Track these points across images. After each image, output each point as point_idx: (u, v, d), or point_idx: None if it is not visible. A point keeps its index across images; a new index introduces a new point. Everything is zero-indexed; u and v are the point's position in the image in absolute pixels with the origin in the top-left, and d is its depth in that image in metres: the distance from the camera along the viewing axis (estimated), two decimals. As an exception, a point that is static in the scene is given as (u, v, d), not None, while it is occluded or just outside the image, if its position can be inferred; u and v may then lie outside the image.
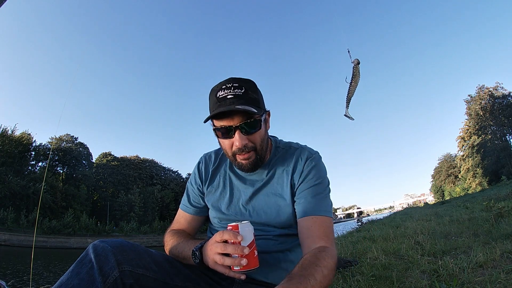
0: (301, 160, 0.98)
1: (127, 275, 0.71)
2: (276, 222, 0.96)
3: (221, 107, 0.85)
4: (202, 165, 1.09)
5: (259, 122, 0.89)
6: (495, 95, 45.99)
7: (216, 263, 0.76)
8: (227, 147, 0.92)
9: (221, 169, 1.07)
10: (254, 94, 0.90)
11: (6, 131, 38.62)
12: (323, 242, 0.84)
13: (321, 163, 1.00)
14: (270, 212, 0.96)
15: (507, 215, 4.18)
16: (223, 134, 0.89)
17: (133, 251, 0.77)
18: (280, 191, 0.97)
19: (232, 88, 0.86)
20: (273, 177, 0.99)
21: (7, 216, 30.61)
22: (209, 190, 1.05)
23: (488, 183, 42.16)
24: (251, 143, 0.89)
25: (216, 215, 1.03)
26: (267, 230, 0.95)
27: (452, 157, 61.25)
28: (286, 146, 1.04)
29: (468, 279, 1.82)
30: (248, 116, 0.86)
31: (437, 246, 3.01)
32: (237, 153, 0.90)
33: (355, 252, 3.43)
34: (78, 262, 0.72)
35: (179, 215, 1.12)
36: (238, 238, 0.73)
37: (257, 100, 0.90)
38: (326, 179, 0.98)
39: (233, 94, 0.85)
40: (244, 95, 0.86)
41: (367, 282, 2.06)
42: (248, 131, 0.88)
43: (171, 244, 0.96)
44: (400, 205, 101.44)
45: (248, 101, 0.86)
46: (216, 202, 1.03)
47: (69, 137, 47.04)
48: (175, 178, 58.87)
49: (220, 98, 0.86)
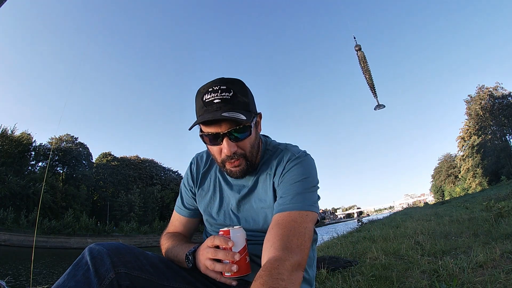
0: (283, 162, 0.91)
1: (123, 277, 0.71)
2: (265, 229, 0.87)
3: (207, 113, 0.79)
4: (194, 166, 1.06)
5: (249, 128, 0.83)
6: (495, 95, 46.05)
7: (207, 269, 0.75)
8: (216, 153, 0.88)
9: (212, 172, 1.03)
10: (244, 97, 0.84)
11: (6, 131, 38.63)
12: (281, 250, 0.70)
13: (305, 161, 0.90)
14: (258, 219, 0.93)
15: (507, 215, 4.18)
16: (210, 141, 0.84)
17: (129, 253, 0.77)
18: (264, 197, 0.92)
19: (219, 91, 0.80)
20: (258, 182, 0.94)
21: (7, 216, 30.62)
22: (200, 193, 1.03)
23: (488, 183, 42.21)
24: (240, 149, 0.85)
25: (207, 219, 1.02)
26: (257, 236, 0.91)
27: (452, 157, 61.29)
28: (274, 148, 0.97)
29: (468, 279, 1.82)
30: (236, 122, 0.80)
31: (437, 246, 3.01)
32: (226, 160, 0.86)
33: (355, 252, 3.43)
34: (74, 264, 0.72)
35: (174, 217, 1.10)
36: (229, 244, 0.72)
37: (246, 103, 0.84)
38: (306, 175, 0.87)
39: (220, 98, 0.79)
40: (232, 99, 0.80)
41: (367, 282, 2.05)
42: (237, 138, 0.83)
43: (167, 247, 0.95)
44: (400, 205, 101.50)
45: (237, 105, 0.81)
46: (207, 206, 1.01)
47: (69, 137, 47.04)
48: (175, 178, 58.87)
49: (207, 102, 0.81)
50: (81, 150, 47.33)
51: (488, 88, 46.94)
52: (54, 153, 42.99)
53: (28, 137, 41.05)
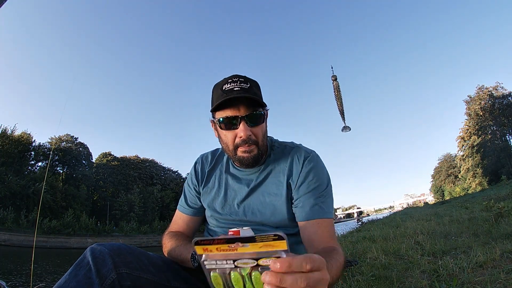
0: (298, 160, 0.97)
1: (124, 278, 0.71)
2: (271, 221, 0.96)
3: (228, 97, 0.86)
4: (198, 165, 1.10)
5: (263, 116, 0.92)
6: (495, 95, 46.02)
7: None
8: (229, 139, 0.92)
9: (217, 170, 1.07)
10: (258, 91, 0.93)
11: (6, 131, 38.62)
12: (331, 244, 0.86)
13: (320, 162, 0.99)
14: (265, 211, 0.97)
15: (507, 215, 4.18)
16: (226, 125, 0.90)
17: (130, 253, 0.77)
18: (275, 191, 0.97)
19: (238, 81, 0.88)
20: (268, 176, 0.99)
21: (7, 216, 30.62)
22: (205, 190, 1.06)
23: (488, 183, 42.20)
24: (254, 136, 0.90)
25: (211, 214, 1.04)
26: (262, 230, 0.95)
27: (452, 157, 61.27)
28: (281, 145, 1.04)
29: (468, 279, 1.82)
30: (253, 108, 0.88)
31: (437, 246, 3.01)
32: (240, 145, 0.90)
33: (355, 252, 3.43)
34: (76, 264, 0.71)
35: (176, 216, 1.12)
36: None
37: (260, 97, 0.93)
38: (326, 178, 0.97)
39: (239, 87, 0.87)
40: (250, 89, 0.88)
41: (367, 282, 2.05)
42: (252, 123, 0.89)
43: (170, 247, 0.96)
44: (400, 205, 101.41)
45: (254, 95, 0.88)
46: (211, 201, 1.04)
47: (69, 137, 47.04)
48: (175, 178, 58.88)
49: (227, 90, 0.87)
50: (81, 150, 47.34)
51: (488, 88, 46.92)
52: (54, 153, 42.98)
53: (28, 137, 41.03)
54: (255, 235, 0.45)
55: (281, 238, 0.44)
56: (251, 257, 0.45)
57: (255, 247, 0.45)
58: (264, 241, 0.44)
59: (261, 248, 0.45)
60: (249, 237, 0.45)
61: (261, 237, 0.44)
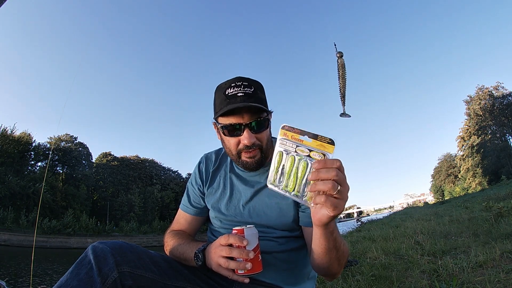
0: None
1: (126, 276, 0.71)
2: (277, 224, 0.95)
3: (231, 105, 0.85)
4: (202, 165, 1.09)
5: (267, 121, 0.91)
6: (495, 95, 46.02)
7: (220, 266, 0.76)
8: (232, 145, 0.91)
9: (222, 170, 1.07)
10: (262, 95, 0.92)
11: (6, 131, 38.59)
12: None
13: None
14: (271, 213, 0.95)
15: (506, 215, 4.19)
16: (230, 132, 0.89)
17: (132, 252, 0.77)
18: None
19: (242, 86, 0.87)
20: None
21: (7, 216, 30.56)
22: (209, 191, 1.05)
23: (488, 183, 42.18)
24: (258, 141, 0.90)
25: (216, 215, 1.03)
26: (267, 232, 0.95)
27: (452, 157, 61.24)
28: None
29: (468, 279, 1.82)
30: (257, 115, 0.87)
31: (437, 246, 3.02)
32: (243, 150, 0.90)
33: (355, 252, 3.44)
34: (77, 263, 0.71)
35: (179, 215, 1.11)
36: (244, 242, 0.73)
37: (265, 100, 0.92)
38: None
39: (243, 92, 0.86)
40: (254, 94, 0.87)
41: (367, 282, 2.06)
42: (257, 129, 0.89)
43: (172, 245, 0.96)
44: (400, 205, 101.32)
45: (258, 100, 0.87)
46: (216, 202, 1.03)
47: (68, 137, 46.98)
48: (175, 178, 58.85)
49: (230, 95, 0.86)
50: (81, 150, 47.30)
51: (488, 88, 46.92)
52: (54, 153, 42.94)
53: (28, 137, 40.98)
54: (318, 134, 0.63)
55: (333, 143, 0.62)
56: (308, 147, 0.64)
57: (314, 144, 0.63)
58: (322, 141, 0.63)
59: (317, 146, 0.63)
60: (314, 134, 0.64)
61: (321, 137, 0.63)
